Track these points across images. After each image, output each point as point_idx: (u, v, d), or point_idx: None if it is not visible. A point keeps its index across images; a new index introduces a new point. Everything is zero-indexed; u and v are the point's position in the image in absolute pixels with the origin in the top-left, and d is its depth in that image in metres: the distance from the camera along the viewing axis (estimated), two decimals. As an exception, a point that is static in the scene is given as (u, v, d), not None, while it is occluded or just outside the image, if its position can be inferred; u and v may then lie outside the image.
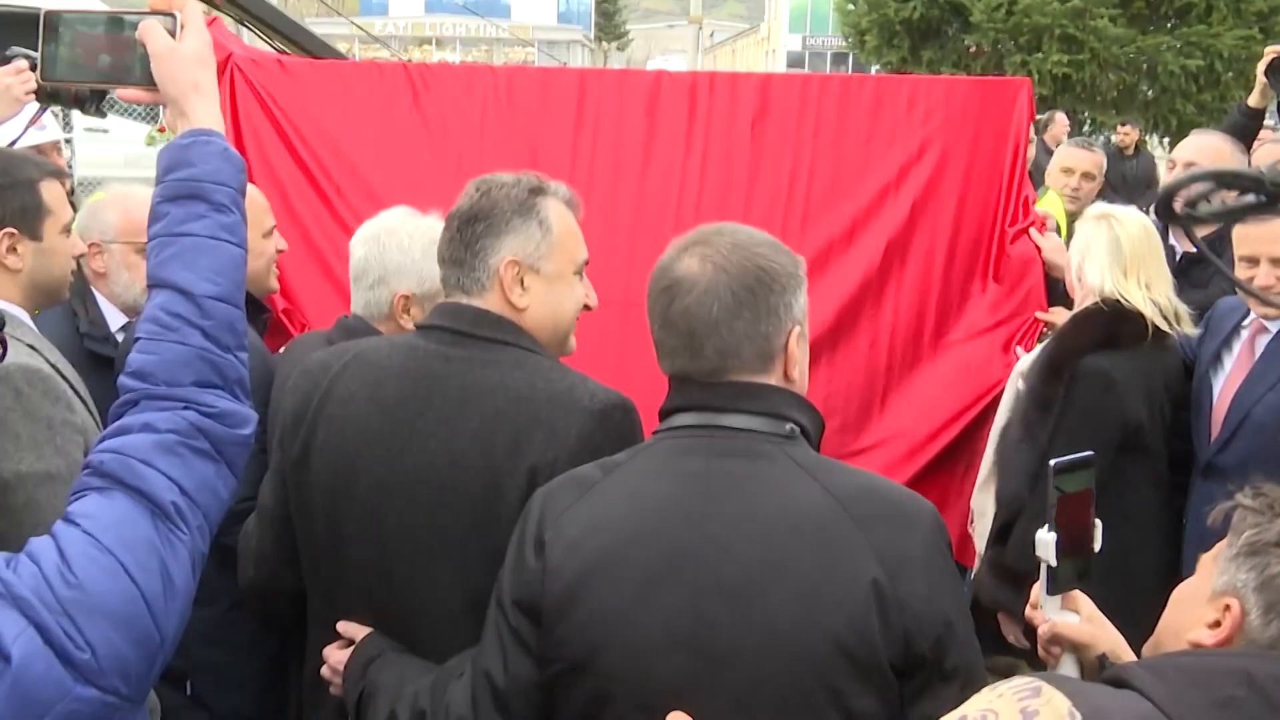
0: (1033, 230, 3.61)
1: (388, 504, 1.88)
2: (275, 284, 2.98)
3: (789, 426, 1.63)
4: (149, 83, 1.60)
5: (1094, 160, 4.91)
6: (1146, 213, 5.21)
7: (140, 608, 1.27)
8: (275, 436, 2.10)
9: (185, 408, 1.41)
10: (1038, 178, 7.73)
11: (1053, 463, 1.63)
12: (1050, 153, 11.07)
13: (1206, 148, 3.95)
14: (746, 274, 1.62)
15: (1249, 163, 4.24)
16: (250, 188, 2.88)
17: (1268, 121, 4.78)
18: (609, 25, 70.68)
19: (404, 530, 1.87)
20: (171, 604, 1.31)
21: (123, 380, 1.45)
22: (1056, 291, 3.70)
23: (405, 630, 1.90)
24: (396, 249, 2.50)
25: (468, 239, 1.95)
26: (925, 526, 1.57)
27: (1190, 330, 3.07)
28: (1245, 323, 3.03)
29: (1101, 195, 4.92)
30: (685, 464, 1.62)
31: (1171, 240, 3.78)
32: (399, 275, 2.50)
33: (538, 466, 1.78)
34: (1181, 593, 1.52)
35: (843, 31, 19.33)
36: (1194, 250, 3.69)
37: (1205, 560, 1.47)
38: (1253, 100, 4.37)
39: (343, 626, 1.97)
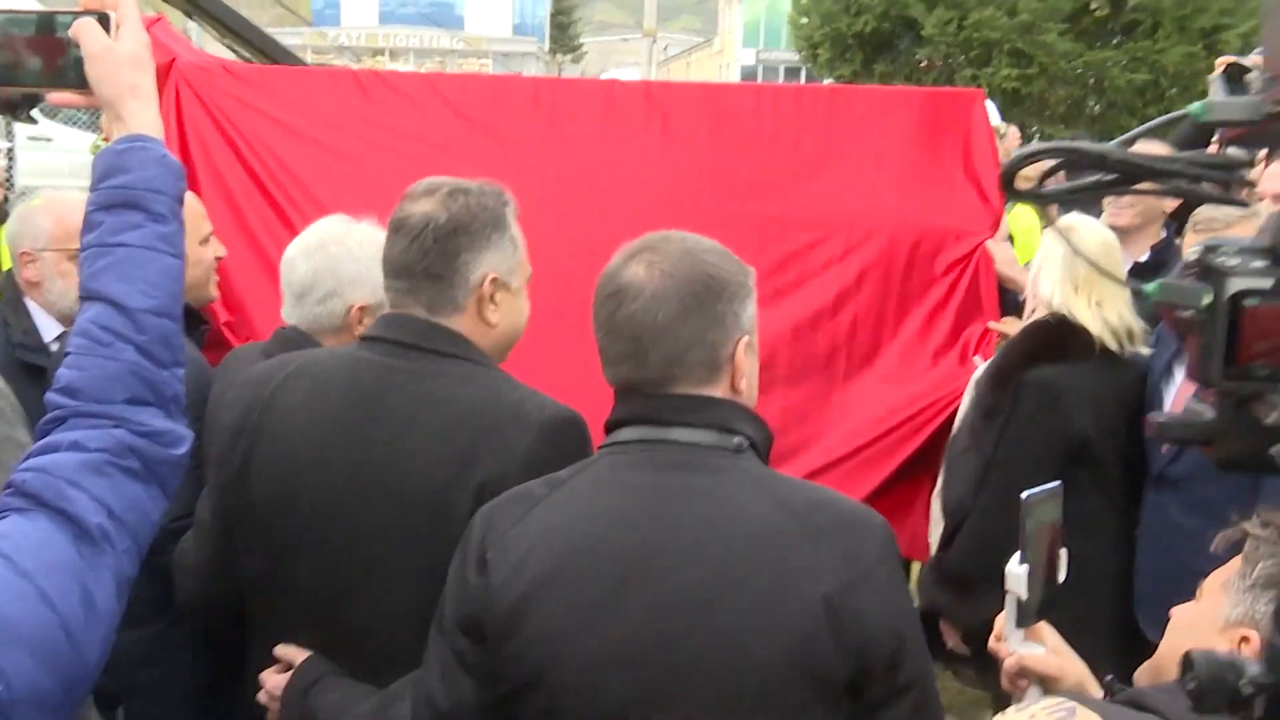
0: (988, 241, 3.62)
1: (332, 518, 1.82)
2: (215, 292, 2.90)
3: (737, 440, 1.58)
4: (83, 86, 1.54)
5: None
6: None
7: (59, 635, 1.21)
8: (213, 451, 2.03)
9: (116, 426, 1.36)
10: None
11: (1025, 495, 1.61)
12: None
13: None
14: (694, 280, 1.58)
15: None
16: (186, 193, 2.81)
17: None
18: (563, 37, 70.72)
19: (350, 545, 1.81)
20: (94, 630, 1.24)
21: (50, 396, 1.39)
22: (1007, 301, 3.71)
23: (351, 646, 1.84)
24: (349, 259, 2.42)
25: (448, 252, 1.84)
26: (876, 540, 1.54)
27: (1145, 350, 3.03)
28: None
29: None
30: (631, 478, 1.58)
31: None
32: (353, 286, 2.42)
33: (487, 481, 1.73)
34: (1184, 618, 1.50)
35: (796, 45, 19.45)
36: (1143, 259, 3.71)
37: (1211, 586, 1.45)
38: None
39: (280, 650, 1.91)
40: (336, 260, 2.42)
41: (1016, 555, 1.62)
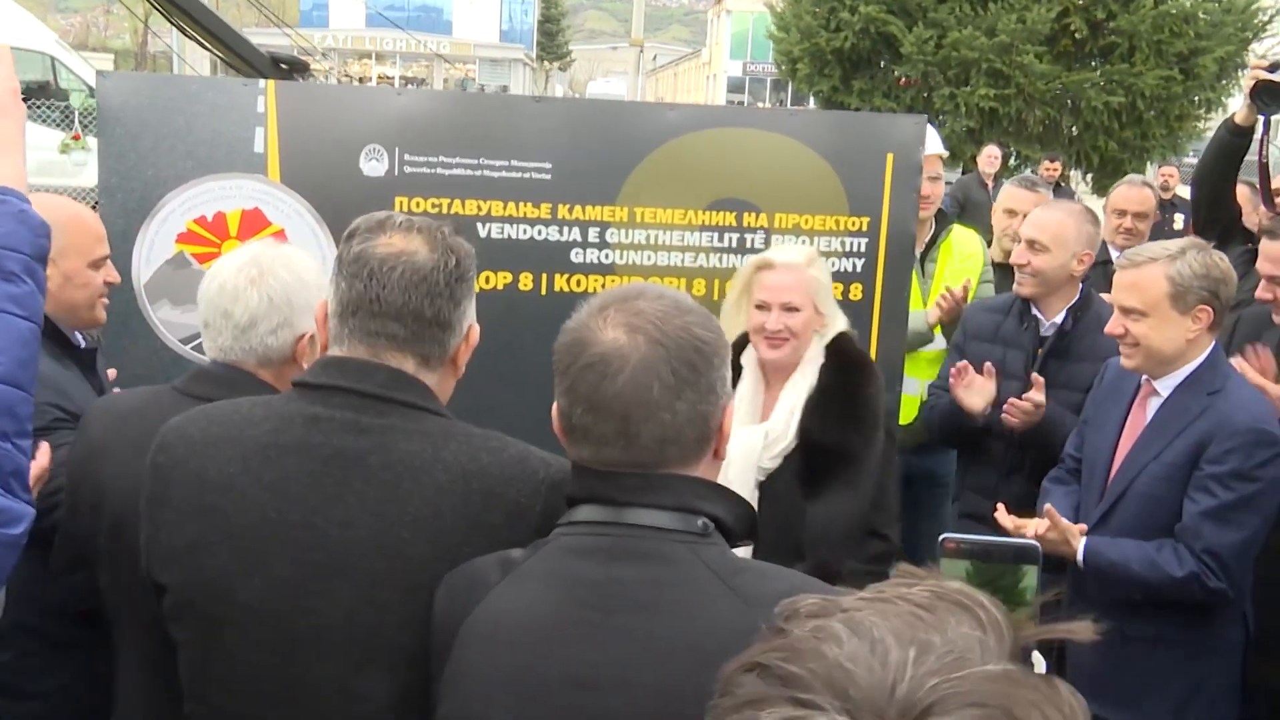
0: None
1: (293, 607, 1.59)
2: (101, 316, 2.73)
3: (701, 521, 1.39)
4: None
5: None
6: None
7: None
8: (104, 522, 1.81)
9: None
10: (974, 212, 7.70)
11: (943, 536, 1.46)
12: (984, 185, 11.16)
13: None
14: (685, 347, 1.40)
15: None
16: (86, 213, 2.67)
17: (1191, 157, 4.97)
18: (551, 45, 70.72)
19: (318, 635, 1.59)
20: None
21: None
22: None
23: None
24: (299, 285, 2.19)
25: (457, 297, 1.67)
26: None
27: None
28: (1142, 380, 2.86)
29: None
30: (582, 570, 1.39)
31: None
32: (303, 314, 2.18)
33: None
34: None
35: (776, 59, 19.47)
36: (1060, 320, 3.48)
37: None
38: (1240, 118, 3.97)
39: None
40: (288, 286, 2.25)
41: None
